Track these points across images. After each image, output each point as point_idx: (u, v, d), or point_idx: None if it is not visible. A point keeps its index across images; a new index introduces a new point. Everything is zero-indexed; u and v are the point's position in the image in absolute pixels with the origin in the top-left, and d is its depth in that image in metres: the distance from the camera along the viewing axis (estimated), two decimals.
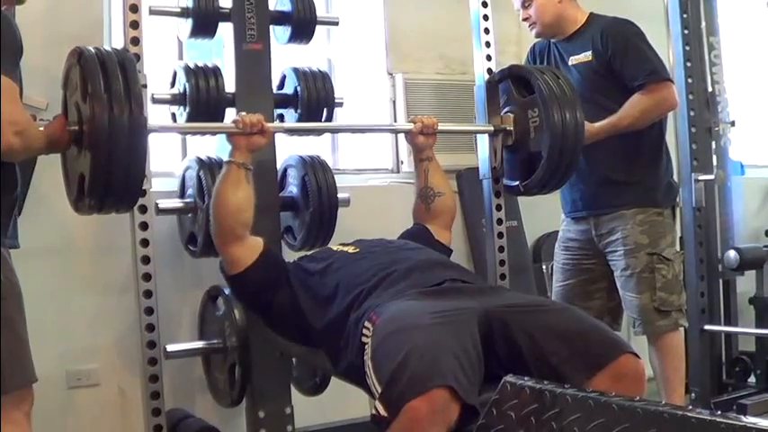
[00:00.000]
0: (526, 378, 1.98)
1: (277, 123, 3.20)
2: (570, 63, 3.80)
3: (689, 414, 1.58)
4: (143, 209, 3.07)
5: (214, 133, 3.42)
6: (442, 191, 3.35)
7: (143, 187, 2.85)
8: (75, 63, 2.67)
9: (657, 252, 3.69)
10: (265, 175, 3.49)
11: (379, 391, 2.12)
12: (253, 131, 2.99)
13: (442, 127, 3.40)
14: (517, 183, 3.54)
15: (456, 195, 4.81)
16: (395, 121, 4.87)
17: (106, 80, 2.57)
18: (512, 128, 3.51)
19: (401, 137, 4.76)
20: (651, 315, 3.69)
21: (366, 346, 2.34)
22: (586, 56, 3.74)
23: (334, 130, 3.36)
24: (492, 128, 3.55)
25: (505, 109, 3.59)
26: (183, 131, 3.57)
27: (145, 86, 2.93)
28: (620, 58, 3.66)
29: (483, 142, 3.63)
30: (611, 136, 3.66)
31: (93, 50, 2.65)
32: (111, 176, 2.59)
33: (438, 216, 3.33)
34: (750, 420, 1.51)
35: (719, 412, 1.58)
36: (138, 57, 3.01)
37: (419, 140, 3.34)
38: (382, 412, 2.07)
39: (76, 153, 2.68)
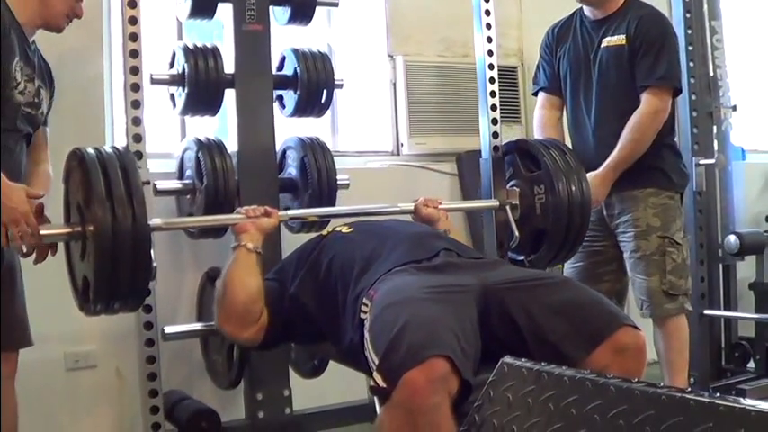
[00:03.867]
0: (524, 359, 1.97)
1: (282, 212, 3.16)
2: (603, 45, 3.75)
3: (687, 396, 1.57)
4: None
5: (221, 227, 3.34)
6: None
7: (140, 164, 2.84)
8: (77, 166, 2.67)
9: (669, 236, 3.69)
10: (264, 157, 3.49)
11: (377, 362, 2.11)
12: (258, 215, 2.93)
13: (446, 205, 3.35)
14: (522, 258, 3.55)
15: (456, 178, 4.85)
16: (394, 101, 4.87)
17: (108, 185, 2.57)
18: (517, 202, 3.49)
19: (401, 119, 4.77)
20: (660, 298, 3.68)
21: (365, 322, 2.33)
22: (620, 39, 3.69)
23: (341, 215, 3.30)
24: (497, 203, 3.52)
25: (511, 183, 3.58)
26: (187, 227, 3.53)
27: (147, 183, 2.89)
28: (644, 51, 3.63)
29: (489, 217, 3.62)
30: (625, 121, 3.64)
31: (93, 153, 2.65)
32: (115, 282, 2.60)
33: None
34: (749, 403, 1.50)
35: (719, 395, 1.57)
36: (135, 36, 3.00)
37: (425, 212, 3.24)
38: (381, 383, 2.06)
39: (80, 254, 2.68)
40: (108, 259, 2.56)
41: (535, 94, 4.09)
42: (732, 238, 4.70)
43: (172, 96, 3.54)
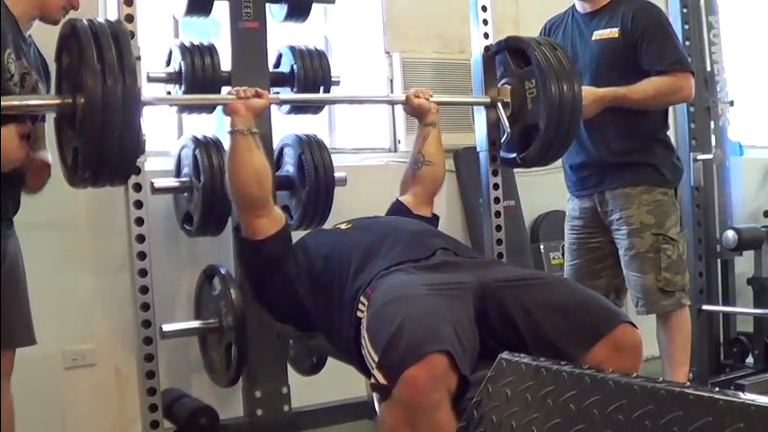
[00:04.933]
0: (522, 355, 1.97)
1: (273, 94, 3.14)
2: (593, 38, 3.75)
3: (686, 391, 1.57)
4: (138, 187, 3.01)
5: (210, 106, 3.36)
6: (433, 160, 3.24)
7: (138, 163, 2.82)
8: (68, 35, 2.64)
9: (663, 232, 3.68)
10: None
11: (376, 360, 2.10)
12: (249, 95, 2.92)
13: (438, 98, 3.34)
14: (514, 155, 3.53)
15: (454, 174, 4.85)
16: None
17: (99, 52, 2.52)
18: (509, 100, 3.47)
19: (398, 115, 4.77)
20: (655, 295, 3.67)
21: (362, 320, 2.33)
22: (612, 32, 3.68)
23: (330, 102, 3.31)
24: (489, 99, 3.51)
25: (502, 81, 3.56)
26: (177, 104, 3.52)
27: (139, 59, 2.86)
28: (647, 41, 3.62)
29: (480, 115, 3.59)
30: (618, 114, 3.63)
31: (86, 23, 2.60)
32: (105, 149, 2.54)
33: (420, 183, 3.23)
34: (748, 397, 1.50)
35: (718, 389, 1.57)
36: (132, 34, 2.98)
37: (416, 102, 3.26)
38: (381, 380, 2.06)
39: (70, 126, 2.64)
40: (98, 126, 2.50)
41: None
42: (730, 234, 4.70)
43: (169, 94, 3.53)
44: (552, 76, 3.28)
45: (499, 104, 3.47)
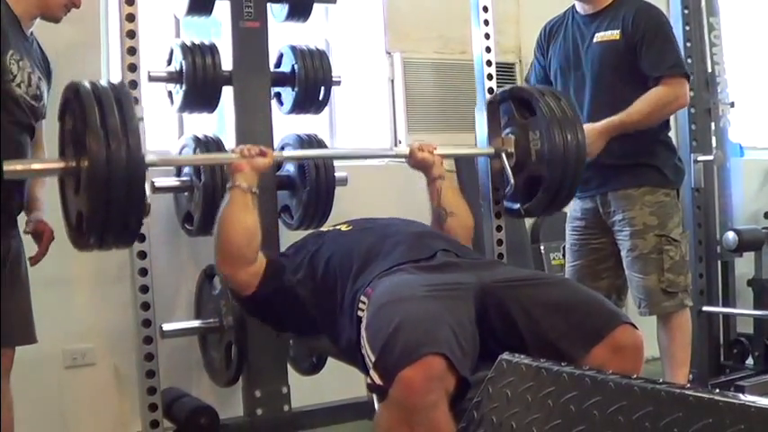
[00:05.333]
0: (522, 356, 1.97)
1: (278, 152, 3.14)
2: (595, 40, 3.74)
3: (687, 392, 1.57)
4: None
5: (215, 164, 3.33)
6: (456, 211, 3.15)
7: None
8: (72, 98, 2.64)
9: (666, 234, 3.67)
10: None
11: (373, 360, 2.11)
12: (253, 154, 2.90)
13: (442, 151, 3.29)
14: (518, 206, 3.52)
15: (455, 175, 4.84)
16: (392, 98, 4.86)
17: (102, 116, 2.52)
18: (513, 150, 3.43)
19: (399, 116, 4.77)
20: (658, 296, 3.67)
21: (362, 319, 2.33)
22: (613, 34, 3.68)
23: (335, 157, 3.30)
24: (493, 150, 3.48)
25: (506, 130, 3.54)
26: (182, 164, 3.53)
27: (141, 120, 2.85)
28: (648, 43, 3.61)
29: (483, 164, 3.59)
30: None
31: (89, 85, 2.60)
32: (109, 215, 2.54)
33: (454, 234, 3.10)
34: (748, 399, 1.50)
35: (718, 390, 1.57)
36: (133, 33, 2.99)
37: (419, 156, 3.19)
38: (377, 381, 2.06)
39: (74, 189, 2.63)
40: (102, 191, 2.50)
41: None
42: (731, 235, 4.69)
43: (170, 94, 3.54)
44: (556, 129, 3.26)
45: (503, 155, 3.43)
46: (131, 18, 3.00)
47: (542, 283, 2.52)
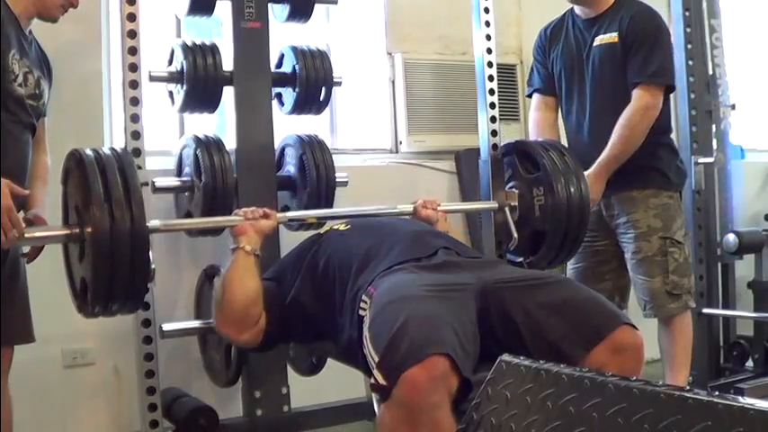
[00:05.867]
0: (522, 357, 1.97)
1: (281, 214, 3.14)
2: (595, 43, 3.75)
3: (686, 394, 1.57)
4: None
5: (218, 228, 3.32)
6: None
7: (139, 161, 2.82)
8: (75, 167, 2.66)
9: (670, 236, 3.68)
10: (263, 155, 3.49)
11: (377, 360, 2.11)
12: (257, 217, 2.91)
13: (445, 207, 3.33)
14: (521, 259, 3.53)
15: (455, 176, 4.86)
16: (393, 99, 4.88)
17: (106, 186, 2.55)
18: (516, 204, 3.46)
19: (400, 117, 4.77)
20: (663, 298, 3.68)
21: (364, 319, 2.33)
22: (612, 37, 3.69)
23: (340, 216, 3.32)
24: (497, 205, 3.50)
25: (510, 184, 3.55)
26: (186, 229, 3.54)
27: (145, 185, 2.87)
28: (635, 50, 3.63)
29: (487, 219, 3.59)
30: (618, 118, 3.65)
31: (91, 154, 2.62)
32: (113, 284, 2.57)
33: None
34: (748, 401, 1.49)
35: (717, 393, 1.57)
36: (134, 33, 2.99)
37: (423, 214, 3.21)
38: (381, 381, 2.06)
39: (78, 256, 2.66)
40: (106, 262, 2.54)
41: (530, 96, 4.10)
42: (731, 237, 4.70)
43: (170, 93, 3.53)
44: (560, 185, 3.30)
45: (507, 209, 3.46)
46: (132, 18, 3.00)
47: (543, 283, 2.51)
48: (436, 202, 3.27)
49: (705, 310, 4.58)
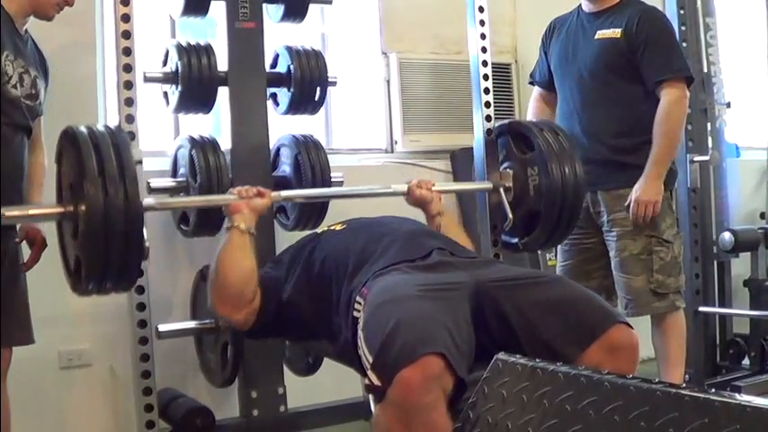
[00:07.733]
0: (518, 356, 1.97)
1: (275, 192, 3.14)
2: (596, 36, 3.75)
3: (682, 392, 1.57)
4: None
5: (213, 206, 3.28)
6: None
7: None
8: (68, 145, 2.64)
9: (657, 235, 3.68)
10: (258, 155, 3.49)
11: (371, 361, 2.11)
12: (251, 195, 2.90)
13: (440, 187, 3.32)
14: (516, 240, 3.53)
15: (451, 175, 4.85)
16: (388, 99, 4.88)
17: (100, 162, 2.53)
18: (511, 185, 3.46)
19: (395, 116, 4.77)
20: (647, 297, 3.67)
21: (358, 320, 2.33)
22: (615, 32, 3.69)
23: (333, 197, 3.33)
24: (491, 185, 3.50)
25: (504, 165, 3.55)
26: (180, 207, 3.54)
27: (140, 163, 2.84)
28: (650, 48, 3.63)
29: (482, 200, 3.60)
30: (613, 114, 3.69)
31: (85, 131, 2.61)
32: (107, 261, 2.56)
33: None
34: (744, 399, 1.50)
35: (714, 390, 1.57)
36: (128, 34, 2.99)
37: (417, 193, 3.19)
38: (375, 382, 2.06)
39: (71, 234, 2.64)
40: (100, 238, 2.51)
41: (531, 84, 4.12)
42: (727, 235, 4.70)
43: (165, 94, 3.53)
44: (555, 164, 3.29)
45: (501, 190, 3.46)
46: (126, 18, 3.00)
47: (537, 282, 2.51)
48: (430, 182, 3.26)
49: (701, 309, 4.58)
